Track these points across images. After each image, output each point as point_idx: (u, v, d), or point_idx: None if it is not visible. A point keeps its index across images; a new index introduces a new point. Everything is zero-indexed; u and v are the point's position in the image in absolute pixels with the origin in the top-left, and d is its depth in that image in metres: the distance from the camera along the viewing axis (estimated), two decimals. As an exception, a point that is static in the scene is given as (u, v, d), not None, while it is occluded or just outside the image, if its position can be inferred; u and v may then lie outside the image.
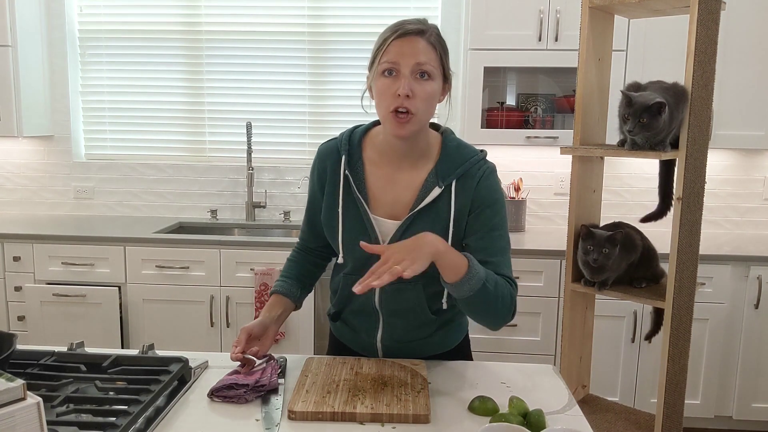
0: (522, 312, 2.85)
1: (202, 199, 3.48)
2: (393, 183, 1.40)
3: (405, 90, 1.28)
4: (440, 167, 1.38)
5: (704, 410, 2.90)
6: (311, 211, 1.52)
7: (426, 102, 1.31)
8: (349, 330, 1.55)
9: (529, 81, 3.25)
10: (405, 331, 1.49)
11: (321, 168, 1.46)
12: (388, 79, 1.30)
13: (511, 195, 3.25)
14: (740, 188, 3.31)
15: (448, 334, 1.54)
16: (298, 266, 1.58)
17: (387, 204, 1.40)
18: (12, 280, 2.96)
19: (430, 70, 1.30)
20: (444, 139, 1.43)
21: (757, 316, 2.82)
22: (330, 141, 1.47)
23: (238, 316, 2.93)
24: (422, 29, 1.32)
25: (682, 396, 1.94)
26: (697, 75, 1.74)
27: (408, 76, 1.29)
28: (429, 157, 1.41)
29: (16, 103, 3.14)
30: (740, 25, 2.86)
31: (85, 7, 3.42)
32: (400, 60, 1.29)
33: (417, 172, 1.40)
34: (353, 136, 1.44)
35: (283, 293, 1.51)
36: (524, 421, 1.16)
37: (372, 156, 1.43)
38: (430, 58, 1.30)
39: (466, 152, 1.41)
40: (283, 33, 3.38)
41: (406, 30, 1.31)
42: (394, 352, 1.51)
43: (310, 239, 1.58)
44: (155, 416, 1.18)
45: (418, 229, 1.35)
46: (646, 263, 1.96)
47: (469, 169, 1.38)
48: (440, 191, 1.36)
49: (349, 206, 1.41)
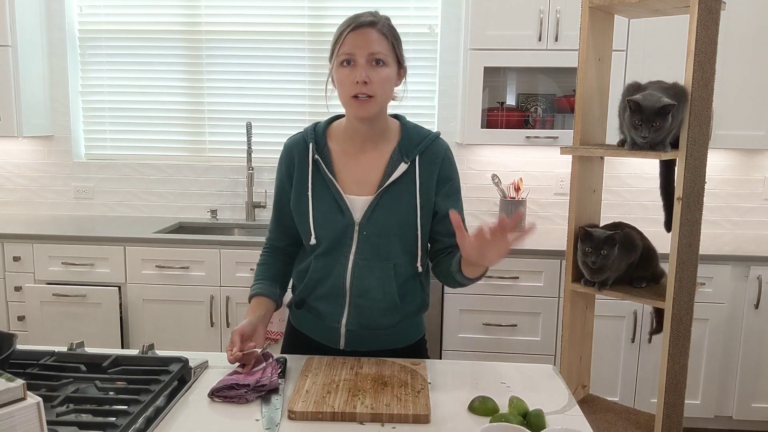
0: (522, 312, 2.85)
1: (202, 199, 3.48)
2: (359, 163, 1.51)
3: (362, 77, 1.40)
4: (402, 145, 1.51)
5: (704, 410, 2.90)
6: (279, 206, 1.60)
7: (382, 86, 1.43)
8: (312, 318, 1.58)
9: (529, 81, 3.25)
10: (370, 315, 1.52)
11: (289, 159, 1.55)
12: (347, 69, 1.42)
13: (511, 195, 3.25)
14: (740, 188, 3.31)
15: (408, 329, 1.60)
16: (271, 268, 1.62)
17: (355, 183, 1.50)
18: (12, 280, 2.96)
19: (383, 57, 1.42)
20: (402, 122, 1.57)
21: (757, 316, 2.82)
22: (295, 135, 1.58)
23: (238, 316, 2.92)
24: (374, 21, 1.44)
25: (682, 396, 1.94)
26: (697, 75, 1.74)
27: (364, 65, 1.41)
28: (389, 138, 1.53)
29: (16, 103, 3.14)
30: (740, 25, 2.86)
31: (85, 7, 3.42)
32: (355, 51, 1.41)
33: (380, 153, 1.51)
34: (317, 127, 1.56)
35: (262, 294, 1.55)
36: (524, 421, 1.16)
37: (336, 142, 1.54)
38: (383, 47, 1.43)
39: (424, 131, 1.56)
40: (283, 33, 3.38)
41: (359, 22, 1.43)
42: (357, 340, 1.54)
43: (278, 238, 1.63)
44: (155, 416, 1.18)
45: (387, 203, 1.47)
46: (646, 263, 1.96)
47: (429, 146, 1.52)
48: (406, 167, 1.48)
49: (320, 188, 1.50)
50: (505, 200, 3.21)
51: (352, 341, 1.55)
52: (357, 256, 1.48)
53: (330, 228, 1.48)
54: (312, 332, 1.59)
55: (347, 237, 1.48)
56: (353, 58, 1.41)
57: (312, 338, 1.59)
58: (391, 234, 1.47)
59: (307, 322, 1.60)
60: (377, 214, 1.46)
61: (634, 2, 1.81)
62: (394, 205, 1.47)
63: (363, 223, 1.47)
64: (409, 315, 1.57)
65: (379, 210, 1.46)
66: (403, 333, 1.59)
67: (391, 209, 1.47)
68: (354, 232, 1.47)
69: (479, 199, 3.37)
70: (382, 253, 1.48)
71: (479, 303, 2.86)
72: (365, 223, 1.47)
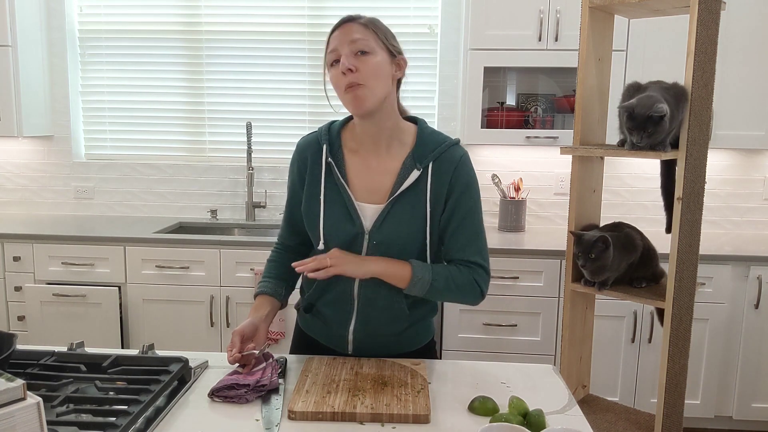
0: (522, 312, 2.85)
1: (202, 199, 3.48)
2: (371, 169, 1.46)
3: (344, 66, 1.36)
4: (417, 151, 1.45)
5: (704, 410, 2.90)
6: (290, 207, 1.57)
7: (372, 74, 1.37)
8: (321, 323, 1.56)
9: (529, 81, 3.25)
10: (378, 323, 1.50)
11: (301, 160, 1.51)
12: (336, 68, 1.39)
13: (511, 195, 3.25)
14: (740, 188, 3.31)
15: (418, 333, 1.57)
16: (279, 266, 1.60)
17: (366, 190, 1.46)
18: (12, 280, 2.96)
19: (366, 45, 1.38)
20: (419, 126, 1.50)
21: (757, 316, 2.82)
22: (309, 135, 1.54)
23: (238, 316, 2.93)
24: (354, 17, 1.42)
25: (682, 396, 1.94)
26: (697, 75, 1.74)
27: (348, 55, 1.37)
28: (404, 144, 1.47)
29: (16, 103, 3.14)
30: (740, 25, 2.86)
31: (85, 7, 3.42)
32: (338, 47, 1.39)
33: (394, 159, 1.46)
34: (332, 127, 1.51)
35: (267, 293, 1.53)
36: (524, 421, 1.16)
37: (350, 145, 1.49)
38: (365, 36, 1.39)
39: (441, 137, 1.49)
40: (283, 33, 3.38)
41: (340, 21, 1.42)
42: (364, 346, 1.53)
43: (289, 237, 1.61)
44: (155, 416, 1.18)
45: (399, 212, 1.42)
46: (646, 263, 1.96)
47: (444, 152, 1.45)
48: (419, 174, 1.43)
49: (331, 193, 1.46)
50: (505, 200, 3.21)
51: (360, 347, 1.53)
52: None
53: (339, 236, 1.44)
54: (320, 337, 1.58)
55: (356, 245, 1.44)
56: (338, 54, 1.38)
57: (320, 342, 1.58)
58: (400, 243, 1.43)
59: (315, 326, 1.58)
60: (387, 224, 1.42)
61: (634, 2, 1.81)
62: (405, 214, 1.42)
63: (373, 232, 1.43)
64: (417, 321, 1.55)
65: (390, 219, 1.42)
66: (412, 338, 1.57)
67: (401, 218, 1.42)
68: (364, 241, 1.44)
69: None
70: None
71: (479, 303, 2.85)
72: (375, 232, 1.43)
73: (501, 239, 3.02)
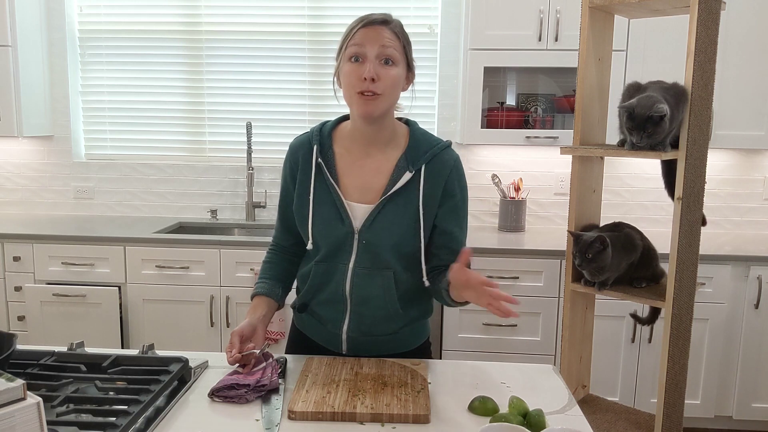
0: (522, 312, 2.85)
1: (202, 199, 3.48)
2: (363, 169, 1.47)
3: (370, 73, 1.35)
4: (409, 153, 1.46)
5: (704, 410, 2.90)
6: (283, 207, 1.57)
7: (391, 86, 1.38)
8: (315, 322, 1.57)
9: (529, 81, 3.25)
10: (372, 323, 1.51)
11: (293, 160, 1.52)
12: (355, 65, 1.38)
13: (511, 195, 3.25)
14: (740, 188, 3.31)
15: (413, 333, 1.57)
16: (275, 266, 1.61)
17: (358, 189, 1.46)
18: (12, 280, 2.96)
19: (394, 54, 1.38)
20: (411, 128, 1.51)
21: (757, 316, 2.82)
22: (301, 135, 1.55)
23: (238, 316, 2.92)
24: (387, 20, 1.41)
25: (682, 396, 1.94)
26: (697, 75, 1.74)
27: (373, 61, 1.36)
28: (397, 144, 1.48)
29: (16, 103, 3.14)
30: (740, 25, 2.86)
31: (85, 7, 3.42)
32: (366, 44, 1.37)
33: (386, 159, 1.47)
34: (324, 128, 1.52)
35: (264, 294, 1.54)
36: (524, 421, 1.16)
37: (342, 145, 1.50)
38: (395, 45, 1.39)
39: (433, 139, 1.50)
40: (283, 33, 3.38)
41: (371, 19, 1.39)
42: (358, 346, 1.53)
43: (283, 237, 1.61)
44: (155, 416, 1.18)
45: (389, 213, 1.43)
46: (646, 263, 1.96)
47: (437, 155, 1.46)
48: (411, 176, 1.43)
49: (321, 193, 1.46)
50: (505, 200, 3.21)
51: (354, 347, 1.53)
52: (357, 264, 1.45)
53: (329, 235, 1.45)
54: (315, 336, 1.58)
55: (347, 245, 1.45)
56: (363, 52, 1.37)
57: (315, 341, 1.59)
58: (391, 244, 1.43)
59: (310, 325, 1.59)
60: (378, 224, 1.43)
61: (634, 2, 1.81)
62: (397, 215, 1.43)
63: (363, 232, 1.43)
64: (412, 321, 1.55)
65: (380, 219, 1.42)
66: (406, 338, 1.57)
67: (392, 219, 1.43)
68: (354, 241, 1.44)
69: (479, 199, 3.36)
70: (382, 262, 1.45)
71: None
72: (365, 232, 1.43)
73: (501, 239, 3.02)
